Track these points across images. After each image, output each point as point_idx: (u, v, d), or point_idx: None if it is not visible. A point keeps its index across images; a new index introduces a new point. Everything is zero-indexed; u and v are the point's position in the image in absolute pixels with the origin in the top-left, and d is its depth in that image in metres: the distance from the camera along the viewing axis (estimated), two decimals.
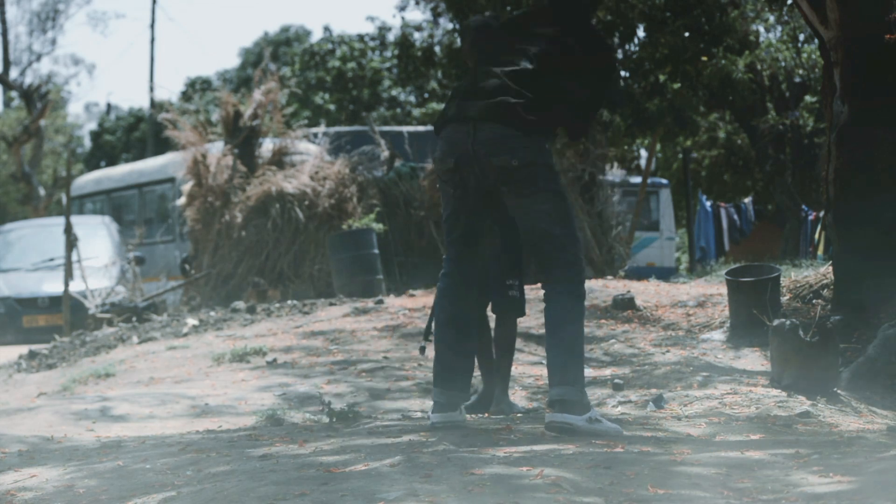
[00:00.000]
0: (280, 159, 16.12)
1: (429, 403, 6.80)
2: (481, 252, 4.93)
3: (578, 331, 4.67)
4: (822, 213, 15.97)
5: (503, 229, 5.90)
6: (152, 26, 38.83)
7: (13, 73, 33.77)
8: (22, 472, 4.26)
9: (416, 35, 22.22)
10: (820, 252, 17.40)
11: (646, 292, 10.71)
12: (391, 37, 34.18)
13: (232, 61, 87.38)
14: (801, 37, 20.42)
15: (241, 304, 12.10)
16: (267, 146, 16.29)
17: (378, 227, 14.62)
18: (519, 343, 8.44)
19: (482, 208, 4.79)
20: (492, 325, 6.10)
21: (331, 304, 11.66)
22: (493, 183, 4.64)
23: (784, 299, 8.79)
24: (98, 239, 17.85)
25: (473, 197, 4.72)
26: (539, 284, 5.06)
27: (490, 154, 4.58)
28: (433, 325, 4.99)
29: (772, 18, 20.52)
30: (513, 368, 6.60)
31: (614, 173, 18.76)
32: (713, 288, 10.91)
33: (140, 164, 22.70)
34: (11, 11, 42.90)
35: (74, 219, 15.92)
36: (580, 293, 4.70)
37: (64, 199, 15.69)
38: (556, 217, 4.66)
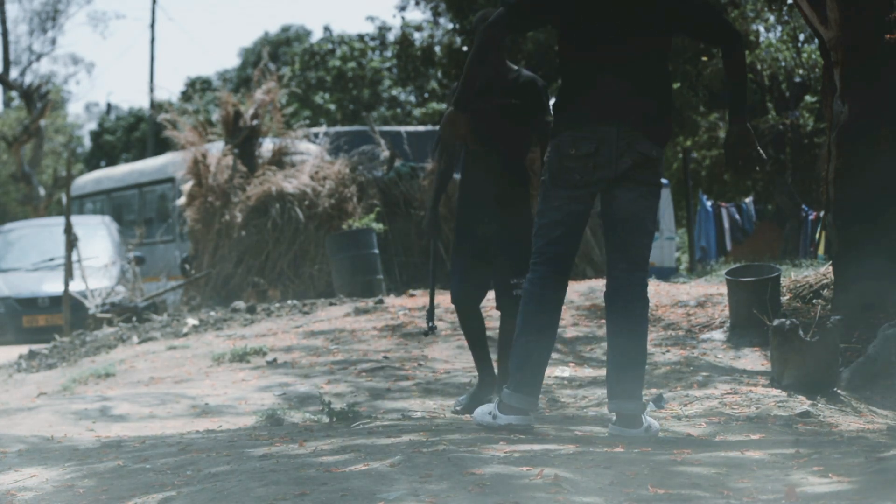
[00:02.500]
0: (280, 159, 16.11)
1: (429, 403, 6.80)
2: (574, 253, 4.89)
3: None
4: (822, 213, 15.96)
5: (509, 228, 5.90)
6: (152, 26, 38.85)
7: (13, 73, 33.79)
8: (22, 472, 4.26)
9: (416, 35, 22.23)
10: (820, 252, 17.40)
11: None
12: (391, 37, 34.21)
13: (232, 61, 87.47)
14: (801, 37, 20.43)
15: (241, 304, 12.10)
16: (267, 146, 16.28)
17: (378, 227, 14.62)
18: None
19: (590, 204, 4.81)
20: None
21: (331, 304, 11.66)
22: (625, 170, 4.68)
23: (784, 299, 8.79)
24: (98, 239, 17.86)
25: (592, 189, 4.74)
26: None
27: (635, 141, 4.66)
28: (520, 331, 4.82)
29: (772, 18, 20.53)
30: None
31: None
32: (713, 288, 10.91)
33: (140, 164, 22.70)
34: (12, 11, 42.91)
35: (74, 219, 15.92)
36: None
37: (64, 199, 15.69)
38: (655, 216, 4.81)
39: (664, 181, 24.34)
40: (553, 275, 4.79)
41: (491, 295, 6.35)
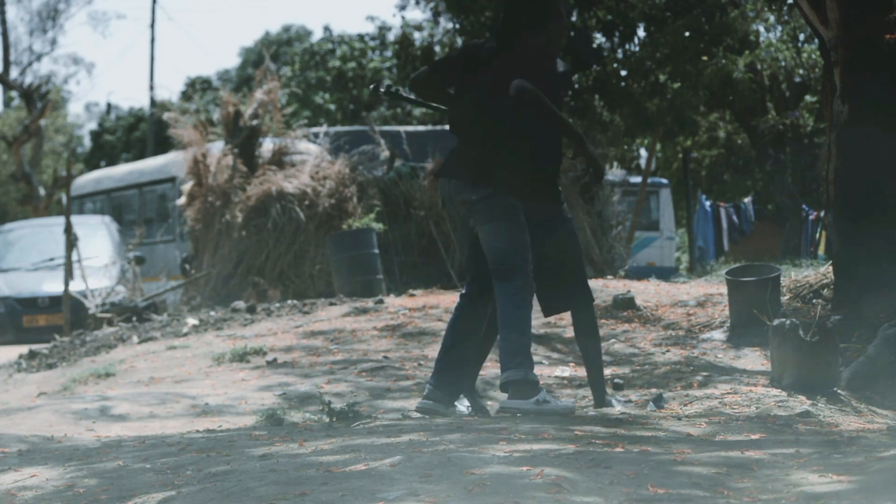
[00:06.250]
0: (280, 159, 16.10)
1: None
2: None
3: None
4: (822, 213, 15.97)
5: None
6: (152, 26, 38.83)
7: (13, 73, 33.78)
8: (22, 472, 4.26)
9: (416, 35, 22.23)
10: (820, 252, 17.43)
11: (646, 292, 10.71)
12: (391, 37, 34.22)
13: (232, 61, 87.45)
14: (801, 37, 20.44)
15: (241, 304, 12.10)
16: (267, 146, 16.27)
17: (378, 226, 14.62)
18: None
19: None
20: None
21: (331, 304, 11.66)
22: (462, 212, 5.51)
23: (784, 299, 8.79)
24: (98, 239, 17.86)
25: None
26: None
27: (457, 192, 5.46)
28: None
29: (772, 18, 20.53)
30: None
31: (614, 173, 18.76)
32: (713, 288, 10.91)
33: (140, 164, 22.70)
34: (12, 11, 42.92)
35: (74, 219, 15.92)
36: None
37: (64, 199, 15.70)
38: (490, 242, 5.60)
39: (664, 181, 24.35)
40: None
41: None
